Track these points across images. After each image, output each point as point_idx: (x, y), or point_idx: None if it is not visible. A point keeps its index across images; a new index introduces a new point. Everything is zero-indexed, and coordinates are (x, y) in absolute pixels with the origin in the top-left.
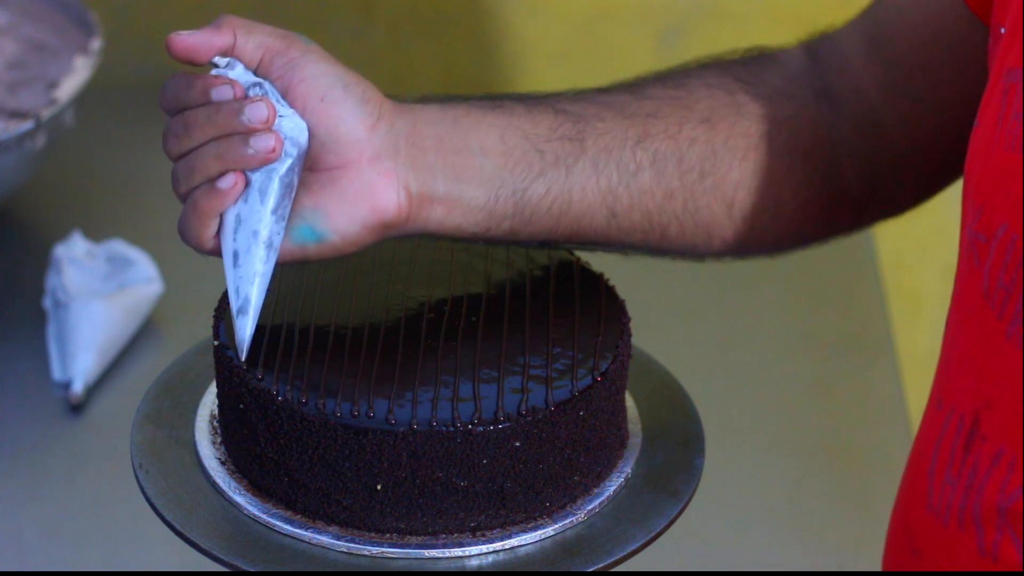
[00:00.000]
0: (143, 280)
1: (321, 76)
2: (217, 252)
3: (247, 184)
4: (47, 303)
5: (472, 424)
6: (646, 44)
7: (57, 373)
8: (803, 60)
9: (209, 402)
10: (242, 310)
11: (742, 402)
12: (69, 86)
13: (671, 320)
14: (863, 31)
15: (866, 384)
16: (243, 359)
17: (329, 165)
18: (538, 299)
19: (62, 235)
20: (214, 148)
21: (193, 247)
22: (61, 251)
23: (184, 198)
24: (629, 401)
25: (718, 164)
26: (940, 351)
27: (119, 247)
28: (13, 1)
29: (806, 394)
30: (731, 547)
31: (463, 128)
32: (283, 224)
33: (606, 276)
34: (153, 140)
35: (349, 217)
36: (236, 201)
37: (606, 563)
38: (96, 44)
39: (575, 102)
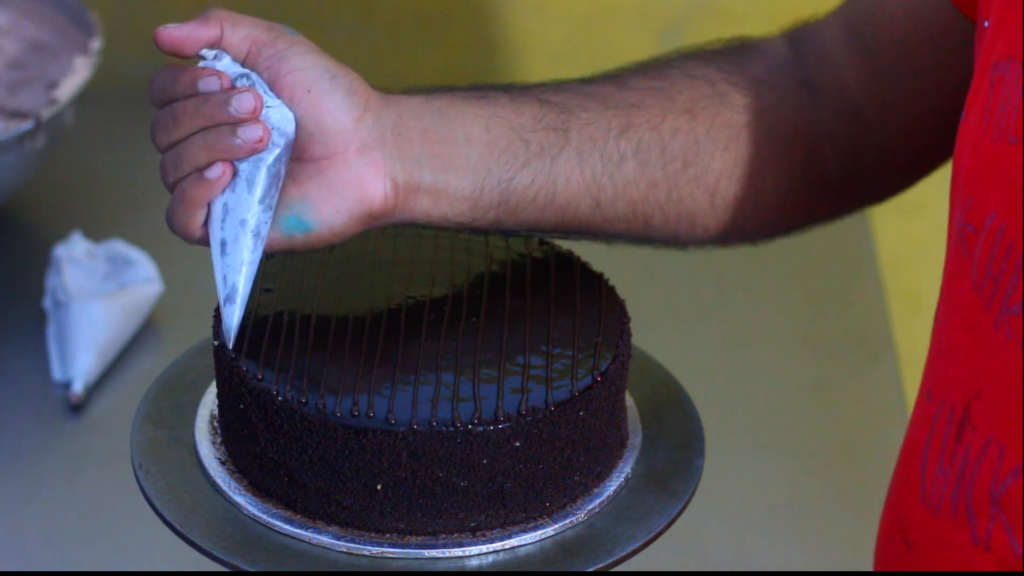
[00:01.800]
0: (143, 280)
1: (308, 67)
2: (205, 241)
3: (235, 174)
4: (47, 303)
5: (472, 424)
6: (646, 44)
7: (57, 373)
8: (785, 50)
9: (209, 402)
10: (229, 298)
11: (742, 402)
12: (69, 86)
13: (671, 320)
14: (845, 21)
15: (866, 384)
16: (230, 347)
17: (316, 155)
18: (538, 299)
19: (62, 235)
20: (202, 138)
21: (181, 236)
22: (61, 251)
23: (172, 188)
24: (629, 401)
25: (700, 154)
26: (929, 344)
27: (119, 247)
28: (13, 1)
29: (806, 394)
30: (731, 547)
31: (449, 118)
32: (270, 213)
33: (606, 276)
34: None
35: (336, 208)
36: (224, 191)
37: (606, 563)
38: (96, 44)
39: (559, 92)
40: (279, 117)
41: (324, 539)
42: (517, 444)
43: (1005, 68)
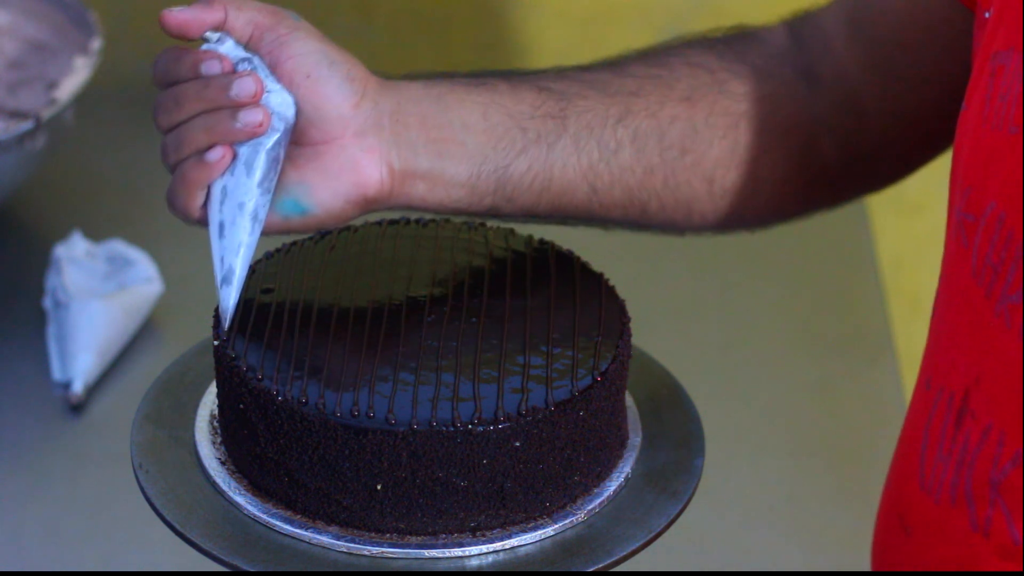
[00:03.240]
0: (143, 280)
1: (308, 53)
2: (204, 222)
3: (234, 157)
4: (47, 303)
5: (472, 424)
6: (646, 44)
7: (57, 373)
8: (785, 39)
9: (209, 402)
10: (226, 280)
11: (742, 402)
12: (69, 86)
13: (671, 320)
14: (846, 11)
15: (866, 384)
16: (226, 328)
17: (314, 140)
18: (538, 299)
19: (62, 235)
20: (203, 121)
21: (180, 217)
22: (61, 251)
23: (173, 169)
24: (629, 401)
25: (698, 142)
26: (928, 334)
27: (119, 247)
28: (13, 1)
29: (806, 394)
30: (731, 547)
31: (446, 105)
32: (269, 197)
33: (606, 276)
34: (153, 140)
35: (333, 191)
36: (223, 174)
37: (606, 563)
38: (96, 44)
39: (558, 80)
40: (279, 102)
41: (324, 539)
42: (517, 444)
43: (1006, 58)
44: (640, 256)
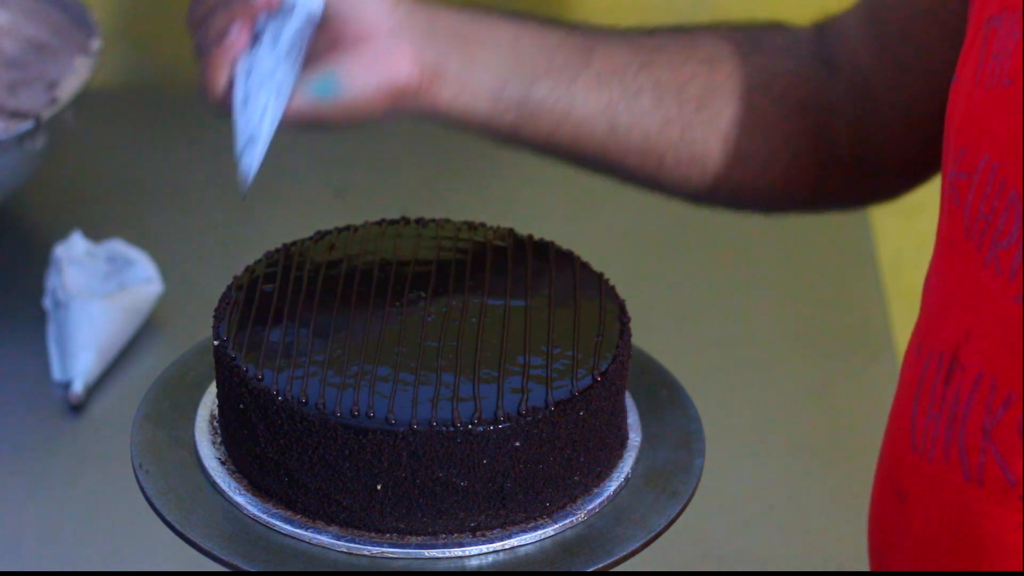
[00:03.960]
0: (143, 280)
1: None
2: (227, 106)
3: (257, 38)
4: (47, 303)
5: (472, 424)
6: None
7: (57, 373)
8: (809, 32)
9: (209, 402)
10: (251, 140)
11: (742, 402)
12: (69, 86)
13: (671, 320)
14: (865, 5)
15: (866, 384)
16: (245, 191)
17: (350, 36)
18: (538, 299)
19: (62, 235)
20: (223, 5)
21: (208, 100)
22: (61, 251)
23: (201, 59)
24: (629, 401)
25: (715, 99)
26: (920, 307)
27: (119, 247)
28: (13, 1)
29: (806, 394)
30: (731, 547)
31: (479, 23)
32: (294, 73)
33: (606, 276)
34: (153, 140)
35: (365, 77)
36: (248, 54)
37: (606, 563)
38: (96, 44)
39: (587, 29)
40: None
41: (324, 539)
42: (517, 444)
43: (999, 21)
44: (640, 256)
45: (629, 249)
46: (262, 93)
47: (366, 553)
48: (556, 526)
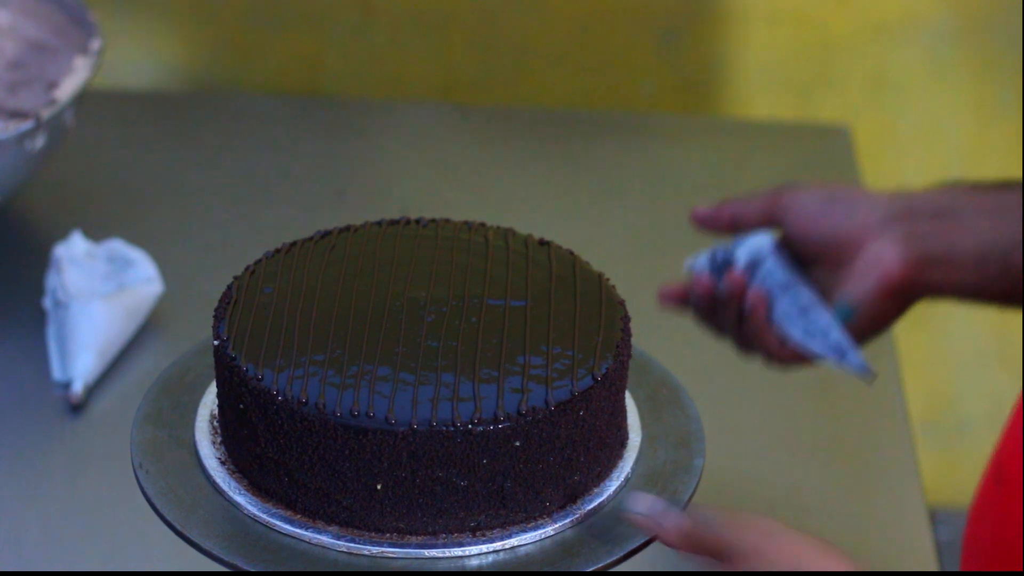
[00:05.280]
0: (143, 280)
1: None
2: (795, 356)
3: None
4: (47, 303)
5: (472, 424)
6: (646, 44)
7: (57, 373)
8: None
9: (209, 402)
10: (840, 349)
11: (742, 402)
12: (69, 86)
13: (671, 320)
14: None
15: (866, 385)
16: (873, 374)
17: (840, 257)
18: (538, 299)
19: (62, 235)
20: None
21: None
22: (61, 251)
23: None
24: (629, 401)
25: None
26: None
27: (119, 247)
28: (13, 1)
29: (806, 394)
30: None
31: (956, 196)
32: (810, 289)
33: (606, 276)
34: (153, 140)
35: (863, 287)
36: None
37: (606, 563)
38: (96, 44)
39: None
40: (750, 245)
41: (324, 539)
42: (517, 444)
43: None
44: (640, 256)
45: (629, 249)
46: (813, 317)
47: (366, 553)
48: (556, 526)
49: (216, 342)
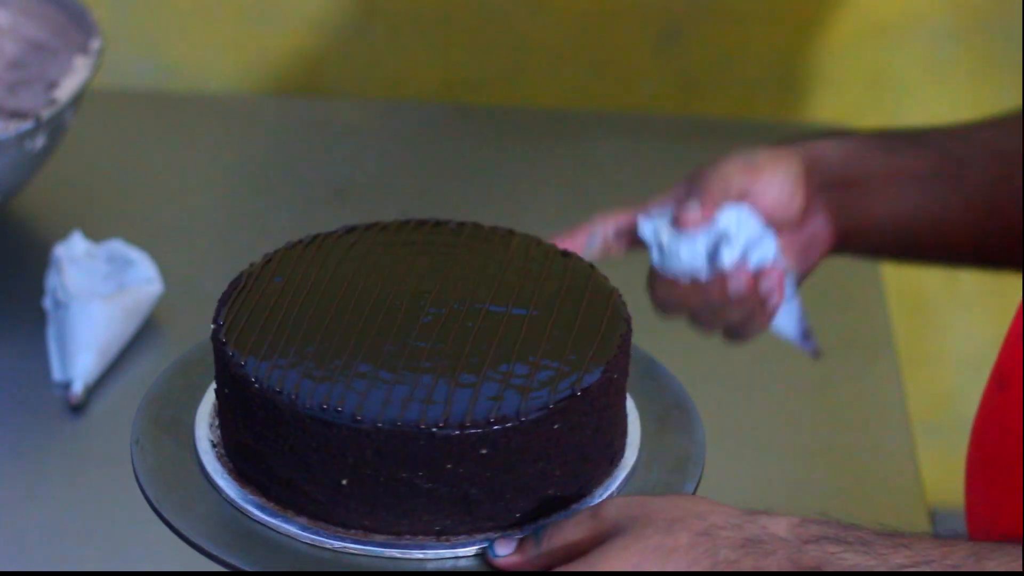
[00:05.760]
0: (143, 280)
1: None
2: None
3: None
4: (47, 303)
5: (438, 427)
6: (645, 44)
7: (57, 373)
8: None
9: (209, 402)
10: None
11: (742, 402)
12: (69, 86)
13: (671, 320)
14: None
15: (866, 384)
16: (821, 350)
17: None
18: (542, 309)
19: (62, 235)
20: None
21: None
22: (61, 251)
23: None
24: (634, 418)
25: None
26: None
27: (119, 247)
28: (13, 1)
29: (806, 394)
30: None
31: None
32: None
33: (605, 275)
34: (153, 140)
35: (808, 266)
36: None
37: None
38: (96, 44)
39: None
40: (762, 251)
41: (292, 529)
42: (483, 451)
43: None
44: (640, 256)
45: (630, 251)
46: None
47: (328, 546)
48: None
49: (213, 325)
